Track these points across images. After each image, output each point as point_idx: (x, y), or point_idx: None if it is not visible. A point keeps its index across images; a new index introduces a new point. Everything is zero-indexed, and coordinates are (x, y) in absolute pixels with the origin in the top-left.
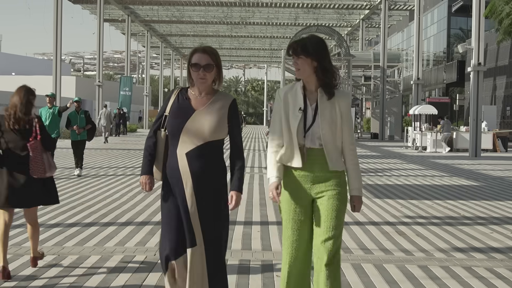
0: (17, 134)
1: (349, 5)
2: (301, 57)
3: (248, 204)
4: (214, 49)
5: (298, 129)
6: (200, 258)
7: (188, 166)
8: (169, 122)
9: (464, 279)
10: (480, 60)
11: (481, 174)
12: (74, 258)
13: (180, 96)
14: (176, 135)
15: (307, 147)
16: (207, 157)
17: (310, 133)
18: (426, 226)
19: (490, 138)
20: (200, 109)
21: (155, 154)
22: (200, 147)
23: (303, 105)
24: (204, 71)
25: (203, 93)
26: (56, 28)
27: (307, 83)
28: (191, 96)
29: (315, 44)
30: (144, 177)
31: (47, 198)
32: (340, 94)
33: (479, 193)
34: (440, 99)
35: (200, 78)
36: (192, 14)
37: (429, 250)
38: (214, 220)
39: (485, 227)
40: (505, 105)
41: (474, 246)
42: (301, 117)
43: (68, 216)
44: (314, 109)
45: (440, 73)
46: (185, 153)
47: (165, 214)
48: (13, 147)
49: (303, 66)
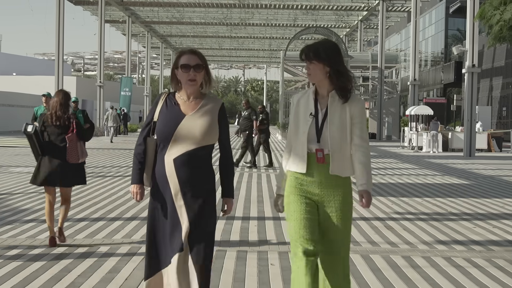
0: (57, 129)
1: (347, 7)
2: (313, 62)
3: (246, 201)
4: (200, 52)
5: (309, 134)
6: (186, 263)
7: (175, 173)
8: (158, 128)
9: (442, 267)
10: (474, 62)
11: (472, 173)
12: (85, 249)
13: (168, 101)
14: (166, 141)
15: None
16: (195, 163)
17: (321, 138)
18: (414, 221)
19: (485, 138)
20: (190, 114)
21: (145, 161)
22: (189, 153)
23: (314, 110)
24: (195, 71)
25: (191, 97)
26: (58, 29)
27: (319, 87)
28: (180, 101)
29: (327, 49)
30: (134, 186)
31: (78, 179)
32: (353, 98)
33: (468, 191)
34: (436, 99)
35: (190, 80)
36: (192, 15)
37: (414, 243)
38: (201, 227)
39: (469, 222)
40: (501, 106)
41: (456, 239)
42: (311, 122)
43: (77, 211)
44: (324, 114)
45: (438, 73)
46: (172, 159)
47: (152, 221)
48: (54, 139)
49: (315, 71)
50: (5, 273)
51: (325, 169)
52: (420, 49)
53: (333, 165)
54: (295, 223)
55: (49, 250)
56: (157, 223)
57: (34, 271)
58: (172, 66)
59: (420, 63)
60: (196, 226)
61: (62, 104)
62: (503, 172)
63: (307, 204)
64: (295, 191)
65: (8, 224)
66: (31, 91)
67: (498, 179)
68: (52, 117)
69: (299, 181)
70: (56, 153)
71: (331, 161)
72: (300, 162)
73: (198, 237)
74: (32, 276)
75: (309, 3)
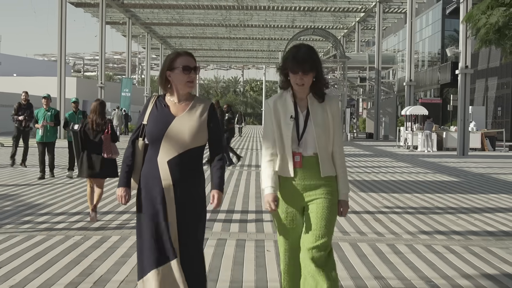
0: (96, 131)
1: (345, 8)
2: (309, 74)
3: (245, 196)
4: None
5: (292, 137)
6: (179, 270)
7: (170, 175)
8: (148, 130)
9: (423, 253)
10: (467, 63)
11: (463, 171)
12: (98, 238)
13: (158, 104)
14: (157, 143)
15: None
16: (187, 165)
17: (303, 140)
18: (401, 215)
19: (478, 138)
20: (180, 115)
21: (133, 165)
22: (182, 155)
23: (294, 113)
24: (194, 73)
25: (181, 99)
26: (61, 31)
27: (298, 91)
28: (169, 103)
29: (315, 56)
30: (120, 189)
31: (111, 172)
32: (329, 98)
33: (456, 187)
34: (432, 100)
35: (189, 82)
36: (192, 16)
37: (399, 233)
38: (193, 230)
39: (453, 215)
40: (497, 106)
41: (438, 230)
42: (293, 125)
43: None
44: (305, 116)
45: (435, 74)
46: (166, 161)
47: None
48: (93, 138)
49: (308, 82)
50: (28, 258)
51: (312, 171)
52: (417, 49)
53: (323, 167)
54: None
55: (65, 239)
56: (147, 226)
57: (54, 256)
58: (162, 68)
59: (417, 64)
60: (187, 230)
61: (99, 112)
62: (493, 170)
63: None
64: (284, 197)
65: (25, 217)
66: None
67: (487, 176)
68: (93, 123)
69: (286, 185)
70: (93, 150)
71: (320, 163)
72: (286, 166)
73: (191, 243)
74: (54, 260)
75: (307, 4)
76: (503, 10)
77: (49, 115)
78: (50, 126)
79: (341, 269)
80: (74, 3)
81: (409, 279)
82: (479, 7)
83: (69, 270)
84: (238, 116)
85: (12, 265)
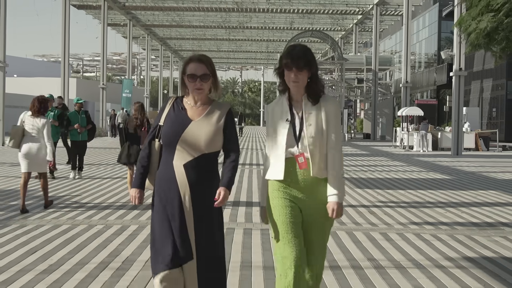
0: (137, 127)
1: (342, 11)
2: (304, 70)
3: (249, 191)
4: (209, 57)
5: (287, 140)
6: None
7: (186, 178)
8: (164, 132)
9: (412, 240)
10: (461, 66)
11: (456, 169)
12: (118, 227)
13: (176, 106)
14: (172, 146)
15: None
16: (203, 169)
17: (301, 142)
18: (394, 208)
19: (472, 138)
20: (197, 120)
21: (148, 166)
22: (198, 159)
23: (290, 116)
24: (201, 81)
25: (199, 102)
26: (64, 33)
27: (295, 93)
28: (187, 106)
29: (309, 54)
30: (134, 190)
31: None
32: (326, 99)
33: (448, 184)
34: (428, 101)
35: (197, 89)
36: (192, 19)
37: (391, 224)
38: (211, 232)
39: (442, 208)
40: (491, 107)
41: (427, 221)
42: (289, 127)
43: (109, 196)
44: (301, 118)
45: (431, 75)
46: (182, 165)
47: (158, 225)
48: (133, 132)
49: (303, 80)
50: (59, 244)
51: (306, 173)
52: (414, 51)
53: (313, 168)
54: (282, 227)
55: (89, 228)
56: (163, 227)
57: (82, 241)
58: (180, 71)
59: (414, 65)
60: (205, 233)
61: (140, 111)
62: (484, 168)
63: (292, 208)
64: (278, 195)
65: (50, 209)
66: (33, 92)
67: (478, 174)
68: (136, 120)
69: (282, 185)
70: (134, 142)
71: (311, 163)
72: (278, 168)
73: (208, 245)
74: (82, 245)
75: (305, 7)
76: (492, 16)
77: (52, 115)
78: (53, 126)
79: (338, 252)
80: (76, 6)
81: (398, 260)
82: (471, 13)
83: (98, 252)
84: (238, 117)
85: (46, 249)
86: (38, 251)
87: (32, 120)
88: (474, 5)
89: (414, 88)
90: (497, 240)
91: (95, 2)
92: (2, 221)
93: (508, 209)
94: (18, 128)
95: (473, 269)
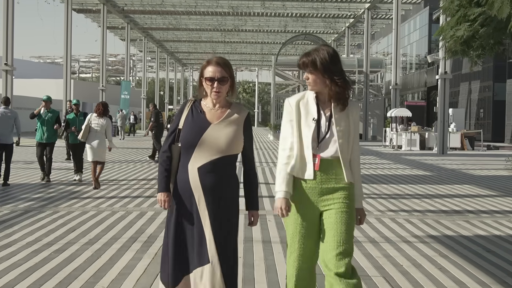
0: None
1: (335, 15)
2: (312, 71)
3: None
4: (227, 60)
5: (312, 139)
6: (213, 275)
7: (199, 181)
8: (183, 135)
9: (386, 223)
10: (446, 69)
11: (438, 167)
12: (138, 213)
13: (194, 109)
14: (190, 149)
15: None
16: (219, 172)
17: (323, 143)
18: (375, 199)
19: (458, 138)
20: (216, 123)
21: (171, 169)
22: (213, 162)
23: (317, 115)
24: (219, 84)
25: (217, 105)
26: (66, 37)
27: (320, 94)
28: (205, 109)
29: (324, 59)
30: (161, 194)
31: None
32: (352, 104)
33: (428, 180)
34: (417, 102)
35: (215, 92)
36: (188, 22)
37: (370, 210)
38: (227, 235)
39: (418, 199)
40: (479, 108)
41: (403, 209)
42: (314, 127)
43: (131, 191)
44: (328, 119)
45: (422, 76)
46: (196, 168)
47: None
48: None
49: (315, 81)
50: (92, 224)
51: (330, 175)
52: (406, 52)
53: (347, 172)
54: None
55: (112, 213)
56: (180, 231)
57: (111, 223)
58: (199, 73)
59: (406, 66)
60: (221, 236)
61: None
62: (465, 166)
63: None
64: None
65: (72, 200)
66: (30, 94)
67: (458, 171)
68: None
69: (303, 188)
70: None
71: (344, 168)
72: (307, 168)
73: (224, 249)
74: (112, 225)
75: (298, 11)
76: (468, 25)
77: (49, 116)
78: (50, 128)
79: None
80: (76, 10)
81: (372, 237)
82: (449, 23)
83: (126, 231)
84: None
85: (82, 228)
86: (77, 229)
87: (97, 120)
88: (452, 15)
89: (405, 89)
90: (459, 223)
91: (94, 6)
92: (37, 208)
93: (476, 200)
94: (86, 126)
95: (434, 243)
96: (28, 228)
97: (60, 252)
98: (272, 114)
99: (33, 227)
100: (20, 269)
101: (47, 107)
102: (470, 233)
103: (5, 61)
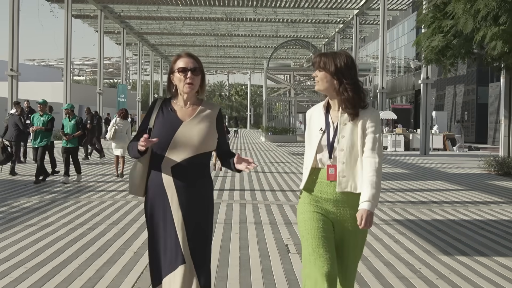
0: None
1: (325, 20)
2: (322, 69)
3: (241, 181)
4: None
5: (319, 149)
6: (189, 275)
7: (173, 181)
8: (154, 135)
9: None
10: (428, 74)
11: (417, 166)
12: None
13: (164, 108)
14: (163, 149)
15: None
16: (193, 171)
17: (334, 153)
18: None
19: (441, 139)
20: (188, 120)
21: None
22: (186, 161)
23: (325, 125)
24: (192, 74)
25: (188, 103)
26: (67, 42)
27: (331, 100)
28: (176, 107)
29: (337, 61)
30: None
31: None
32: (365, 112)
33: (405, 177)
34: (402, 105)
35: (188, 83)
36: (182, 27)
37: None
38: (201, 236)
39: (392, 193)
40: (464, 110)
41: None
42: (320, 137)
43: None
44: (335, 128)
45: (410, 80)
46: (170, 167)
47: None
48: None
49: (322, 80)
50: (112, 210)
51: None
52: (395, 56)
53: (342, 181)
54: (313, 241)
55: (126, 203)
56: (156, 233)
57: (128, 209)
58: (168, 71)
59: (394, 70)
60: (195, 236)
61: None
62: (442, 165)
63: (324, 222)
64: (310, 208)
65: (88, 193)
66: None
67: (434, 170)
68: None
69: (313, 198)
70: None
71: (340, 177)
72: (303, 177)
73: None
74: (129, 211)
75: (289, 17)
76: (442, 36)
77: (42, 120)
78: (41, 131)
79: None
80: (74, 15)
81: None
82: (425, 34)
83: (142, 215)
84: (234, 120)
85: (105, 213)
86: (100, 214)
87: (122, 122)
88: (428, 26)
89: (394, 92)
90: (422, 211)
91: (92, 12)
92: (61, 199)
93: (443, 193)
94: (113, 128)
95: (396, 225)
96: (60, 213)
97: (92, 230)
98: (264, 117)
99: (63, 212)
100: (63, 241)
101: (42, 111)
102: (429, 218)
103: (11, 67)
